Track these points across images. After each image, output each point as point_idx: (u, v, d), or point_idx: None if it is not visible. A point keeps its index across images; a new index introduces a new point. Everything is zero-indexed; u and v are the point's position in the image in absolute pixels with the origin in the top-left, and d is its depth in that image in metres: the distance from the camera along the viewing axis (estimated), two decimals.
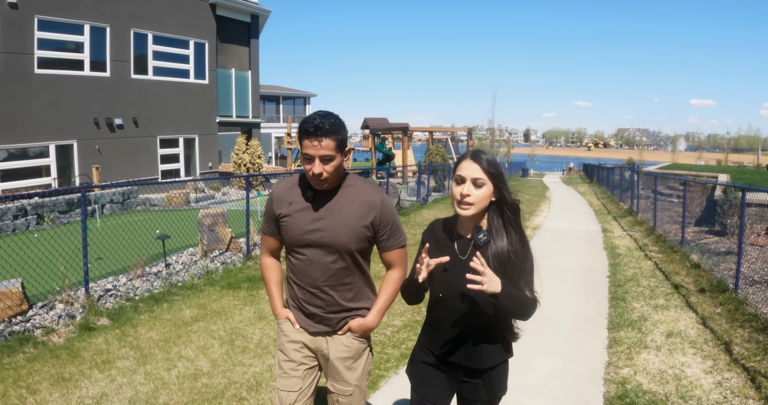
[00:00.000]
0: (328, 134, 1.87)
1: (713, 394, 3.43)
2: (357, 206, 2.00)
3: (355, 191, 2.03)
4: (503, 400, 1.97)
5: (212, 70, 17.73)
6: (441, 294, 1.85)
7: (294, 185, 2.07)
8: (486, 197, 1.77)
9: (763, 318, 4.62)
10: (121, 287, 5.69)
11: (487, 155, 1.81)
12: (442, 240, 1.90)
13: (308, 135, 1.87)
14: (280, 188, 2.09)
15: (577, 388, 3.56)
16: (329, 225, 1.98)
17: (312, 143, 1.87)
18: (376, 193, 2.04)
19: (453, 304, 1.83)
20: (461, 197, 1.76)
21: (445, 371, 1.91)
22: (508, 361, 1.93)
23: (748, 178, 21.35)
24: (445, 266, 1.82)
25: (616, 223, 12.46)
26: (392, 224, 2.06)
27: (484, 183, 1.76)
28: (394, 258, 2.09)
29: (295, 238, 2.01)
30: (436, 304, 1.89)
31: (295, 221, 2.01)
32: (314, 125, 1.86)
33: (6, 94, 12.63)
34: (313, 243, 1.99)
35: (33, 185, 13.39)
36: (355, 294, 2.07)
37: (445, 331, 1.87)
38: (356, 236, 1.98)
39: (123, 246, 7.94)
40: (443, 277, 1.84)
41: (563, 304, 5.53)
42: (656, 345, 4.29)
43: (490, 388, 1.88)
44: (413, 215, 12.16)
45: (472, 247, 1.83)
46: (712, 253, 7.64)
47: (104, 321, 4.76)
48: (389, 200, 2.08)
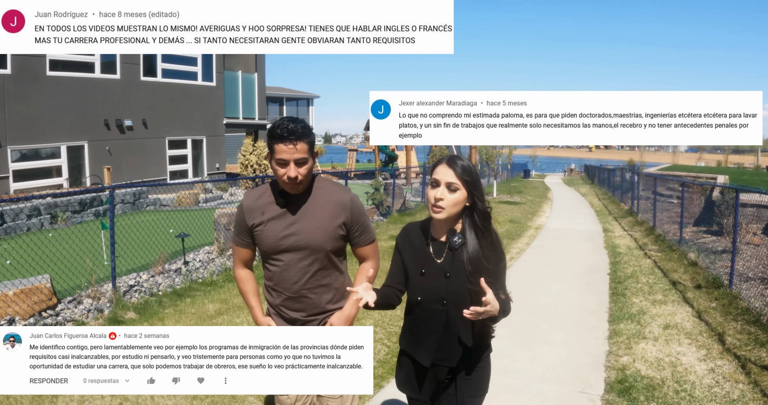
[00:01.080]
0: (302, 138, 1.92)
1: (706, 379, 3.70)
2: (328, 207, 2.04)
3: (324, 193, 2.07)
4: (513, 385, 2.22)
5: (219, 72, 18.02)
6: (419, 297, 1.89)
7: (263, 194, 2.10)
8: (459, 202, 1.81)
9: (755, 311, 4.90)
10: (144, 283, 5.97)
11: (463, 161, 1.84)
12: (417, 244, 1.94)
13: (282, 140, 1.90)
14: (249, 199, 2.11)
15: (581, 373, 3.83)
16: (303, 228, 2.02)
17: (287, 147, 1.90)
18: (344, 192, 2.10)
19: (431, 306, 1.87)
20: (435, 201, 1.81)
21: (428, 372, 1.94)
22: (490, 357, 1.99)
23: (747, 179, 21.60)
24: (422, 270, 1.88)
25: (616, 223, 12.73)
26: (363, 221, 2.11)
27: (458, 188, 1.80)
28: (367, 252, 2.16)
29: (270, 245, 2.04)
30: (414, 307, 1.93)
31: (269, 229, 2.04)
32: (288, 130, 1.90)
33: (19, 95, 12.89)
34: (289, 248, 2.03)
35: (45, 185, 13.65)
36: (333, 295, 2.12)
37: (423, 333, 1.91)
38: (330, 236, 2.04)
39: (139, 245, 8.21)
40: (420, 281, 1.89)
41: (566, 299, 5.80)
42: (654, 336, 4.57)
43: (473, 385, 1.92)
44: (419, 215, 12.42)
45: (447, 249, 1.87)
46: (709, 252, 7.90)
47: (131, 315, 5.04)
48: (357, 199, 2.15)
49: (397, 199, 13.50)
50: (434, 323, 1.87)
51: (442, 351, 1.88)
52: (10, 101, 12.66)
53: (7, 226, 10.43)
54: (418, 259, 1.90)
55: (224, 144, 18.81)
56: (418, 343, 1.92)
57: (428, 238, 1.91)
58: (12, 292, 4.95)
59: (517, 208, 15.27)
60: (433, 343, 1.88)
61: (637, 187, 14.26)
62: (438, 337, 1.87)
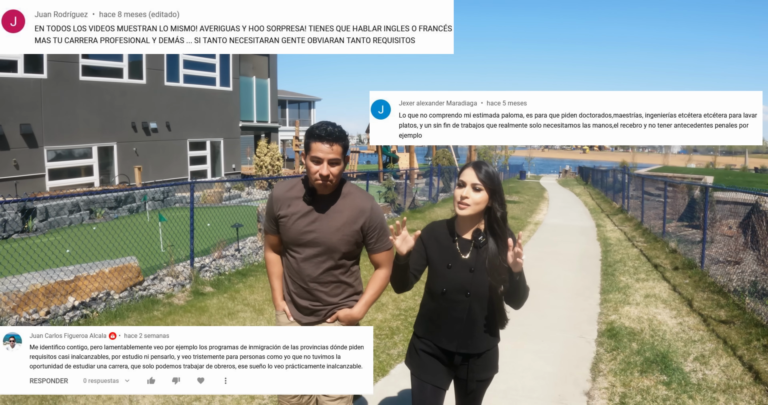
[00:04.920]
0: (338, 140, 2.04)
1: (675, 329, 4.82)
2: (349, 212, 2.15)
3: (348, 198, 2.18)
4: (528, 332, 3.19)
5: (236, 77, 19.05)
6: (445, 289, 2.04)
7: (293, 188, 2.21)
8: (482, 201, 1.99)
9: (719, 284, 6.03)
10: (210, 265, 7.02)
11: (488, 167, 2.02)
12: (443, 240, 2.09)
13: (320, 139, 2.02)
14: (279, 190, 2.23)
15: (579, 326, 4.94)
16: (322, 227, 2.13)
17: (323, 146, 2.02)
18: (366, 200, 2.20)
19: (456, 297, 2.03)
20: (461, 198, 1.99)
21: (442, 358, 2.10)
22: (498, 346, 2.17)
23: (731, 180, 22.84)
24: (449, 264, 2.04)
25: (608, 219, 13.87)
26: (380, 229, 2.20)
27: (481, 189, 1.98)
28: (382, 259, 2.25)
29: (292, 238, 2.17)
30: (438, 297, 2.07)
31: (292, 222, 2.15)
32: (326, 131, 2.02)
33: (54, 98, 13.79)
34: (308, 243, 2.15)
35: (77, 184, 14.61)
36: (342, 291, 2.23)
37: (445, 322, 2.07)
38: (346, 239, 2.14)
39: (184, 235, 9.23)
40: (447, 274, 2.04)
41: (565, 278, 6.91)
42: (636, 302, 5.68)
43: (483, 370, 2.11)
44: (428, 212, 13.52)
45: (473, 247, 2.04)
46: (688, 242, 9.04)
47: (209, 289, 6.09)
48: (378, 207, 2.25)
49: (407, 198, 14.57)
50: (457, 313, 2.04)
51: (462, 338, 2.05)
52: (46, 104, 13.58)
53: (51, 220, 11.39)
54: (445, 254, 2.06)
55: (240, 146, 19.83)
56: (440, 331, 2.08)
57: (454, 236, 2.08)
58: (108, 270, 5.99)
59: (516, 207, 16.40)
60: (456, 331, 2.05)
61: (627, 187, 15.41)
62: (460, 326, 2.04)
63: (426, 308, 2.15)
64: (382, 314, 5.07)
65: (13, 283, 5.16)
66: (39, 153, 13.46)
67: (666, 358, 4.06)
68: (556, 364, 4.04)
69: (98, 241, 7.98)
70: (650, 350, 4.25)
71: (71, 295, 5.56)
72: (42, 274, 5.56)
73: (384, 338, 4.49)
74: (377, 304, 5.27)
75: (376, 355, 4.13)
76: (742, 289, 5.68)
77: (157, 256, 7.83)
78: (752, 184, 19.10)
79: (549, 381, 3.74)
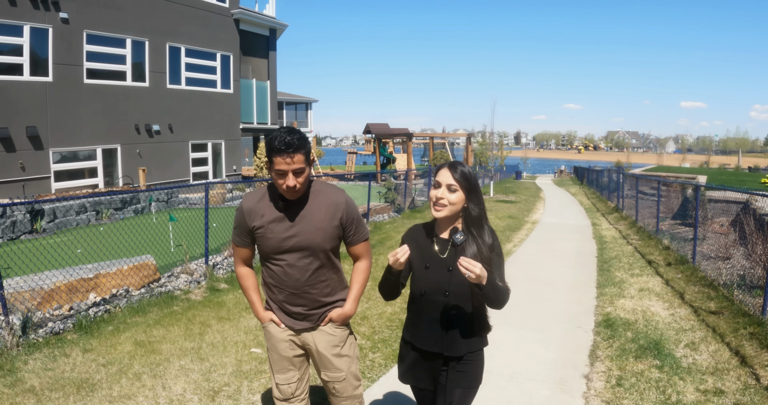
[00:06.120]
0: (298, 149, 2.00)
1: (667, 319, 5.12)
2: (325, 209, 2.16)
3: (321, 196, 2.18)
4: (530, 323, 3.52)
5: (236, 80, 19.30)
6: (424, 290, 2.02)
7: (262, 197, 2.19)
8: (458, 202, 1.96)
9: (709, 278, 6.34)
10: (222, 263, 7.28)
11: (463, 167, 1.99)
12: (422, 242, 2.08)
13: (280, 152, 1.98)
14: (249, 202, 2.19)
15: (577, 317, 5.24)
16: (304, 230, 2.13)
17: (285, 160, 1.98)
18: (339, 194, 2.21)
19: (434, 298, 2.01)
20: (436, 199, 1.97)
21: (427, 361, 2.08)
22: (484, 350, 2.11)
23: (724, 179, 23.26)
24: (427, 264, 2.02)
25: (604, 218, 14.20)
26: (357, 221, 2.24)
27: (456, 189, 1.95)
28: (361, 250, 2.29)
29: (273, 247, 2.14)
30: (418, 299, 2.06)
31: (270, 231, 2.13)
32: (285, 142, 1.98)
33: (59, 101, 14.00)
34: (291, 248, 2.13)
35: (82, 185, 14.82)
36: (331, 289, 2.26)
37: (425, 324, 2.05)
38: (329, 236, 2.16)
39: (191, 235, 9.48)
40: (425, 274, 2.02)
41: (562, 274, 7.21)
42: (631, 295, 5.99)
43: (464, 378, 2.04)
44: (427, 211, 13.82)
45: (451, 246, 2.01)
46: (681, 240, 9.36)
47: (224, 285, 6.35)
48: (352, 200, 2.26)
49: (406, 198, 14.85)
50: (437, 314, 2.01)
51: (442, 340, 2.02)
52: (51, 107, 13.80)
53: (59, 221, 11.61)
54: (423, 255, 2.05)
55: (240, 147, 20.08)
56: (420, 332, 2.07)
57: (433, 236, 2.07)
58: (126, 267, 6.24)
59: (513, 206, 16.71)
60: (436, 333, 2.03)
61: (622, 187, 15.76)
62: (439, 327, 2.02)
63: (410, 311, 2.15)
64: (391, 307, 5.35)
65: (35, 280, 5.41)
66: (45, 155, 13.68)
67: (659, 345, 4.36)
68: (557, 351, 4.33)
69: (108, 242, 8.22)
70: (644, 338, 4.55)
71: (92, 292, 5.81)
72: (63, 272, 5.81)
73: (395, 329, 4.78)
74: None
75: (390, 343, 4.43)
76: (731, 282, 6.00)
77: (168, 254, 8.08)
78: (744, 183, 19.52)
79: (550, 366, 4.03)
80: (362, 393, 2.38)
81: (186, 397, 3.52)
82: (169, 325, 4.91)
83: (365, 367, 4.01)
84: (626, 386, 3.65)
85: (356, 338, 2.46)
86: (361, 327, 4.86)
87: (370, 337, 4.61)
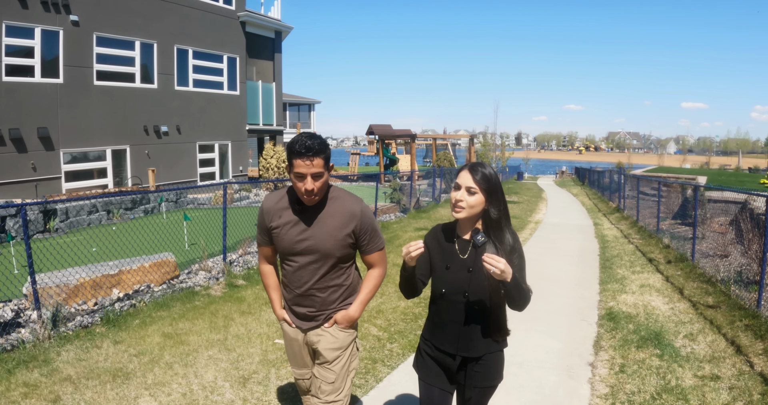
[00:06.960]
0: (318, 154, 2.04)
1: (667, 312, 5.38)
2: (340, 217, 2.18)
3: (337, 203, 2.21)
4: (537, 316, 3.75)
5: (243, 82, 19.56)
6: (444, 289, 2.03)
7: (282, 199, 2.25)
8: (477, 204, 1.96)
9: (707, 275, 6.59)
10: (238, 260, 7.53)
11: (485, 169, 1.99)
12: (443, 242, 2.09)
13: (300, 155, 2.03)
14: (269, 202, 2.26)
15: (581, 311, 5.50)
16: (315, 234, 2.17)
17: (304, 163, 2.03)
18: (356, 203, 2.23)
19: (454, 298, 2.02)
20: (456, 202, 1.98)
21: (444, 360, 2.09)
22: (503, 352, 2.12)
23: (724, 180, 23.51)
24: (447, 264, 2.04)
25: (605, 218, 14.46)
26: (371, 230, 2.25)
27: (476, 192, 1.95)
28: (375, 259, 2.31)
29: (286, 247, 2.21)
30: (438, 299, 2.07)
31: (285, 233, 2.19)
32: (306, 146, 2.02)
33: (70, 103, 14.22)
34: (303, 251, 2.19)
35: (92, 185, 15.06)
36: (340, 294, 2.29)
37: (445, 324, 2.06)
38: (340, 244, 2.18)
39: (203, 234, 9.74)
40: (446, 275, 2.04)
41: (566, 271, 7.46)
42: (632, 291, 6.25)
43: (483, 378, 2.05)
44: (432, 211, 14.07)
45: (471, 247, 2.02)
46: (681, 238, 9.62)
47: (242, 281, 6.60)
48: (368, 209, 2.27)
49: (412, 199, 15.11)
50: (456, 314, 2.02)
51: (461, 341, 2.03)
52: (62, 108, 14.03)
53: (71, 220, 11.86)
54: (445, 255, 2.06)
55: (247, 148, 20.34)
56: (441, 332, 2.08)
57: (454, 237, 2.08)
58: (148, 264, 6.50)
59: (516, 207, 16.97)
60: (454, 333, 2.04)
61: (623, 187, 16.01)
62: (459, 327, 2.03)
63: (431, 311, 2.16)
64: (404, 302, 5.61)
65: (59, 277, 5.66)
66: (55, 156, 13.91)
67: (659, 336, 4.62)
68: (563, 342, 4.59)
69: (122, 240, 8.47)
70: (645, 330, 4.80)
71: (116, 288, 6.07)
72: (86, 268, 6.07)
73: (410, 322, 5.04)
74: (400, 293, 5.77)
75: (405, 334, 4.68)
76: (728, 278, 6.26)
77: (183, 252, 8.33)
78: (744, 184, 19.77)
79: (557, 355, 4.29)
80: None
81: (218, 383, 3.77)
82: (193, 319, 5.16)
83: (384, 356, 4.26)
84: (629, 373, 3.91)
85: (359, 349, 2.47)
86: (377, 320, 5.12)
87: (387, 329, 4.87)
